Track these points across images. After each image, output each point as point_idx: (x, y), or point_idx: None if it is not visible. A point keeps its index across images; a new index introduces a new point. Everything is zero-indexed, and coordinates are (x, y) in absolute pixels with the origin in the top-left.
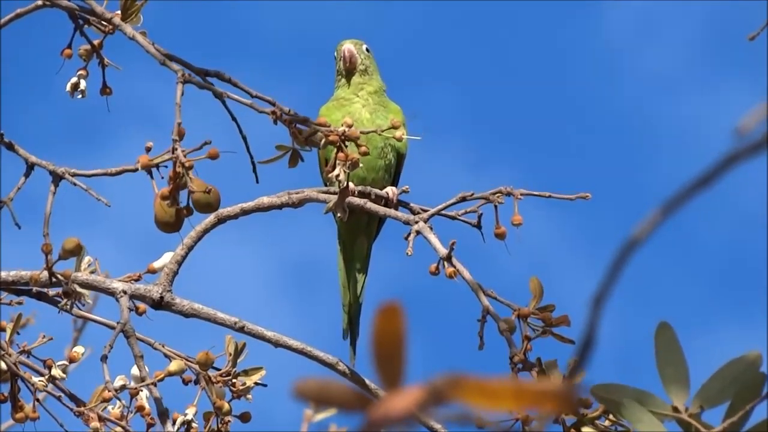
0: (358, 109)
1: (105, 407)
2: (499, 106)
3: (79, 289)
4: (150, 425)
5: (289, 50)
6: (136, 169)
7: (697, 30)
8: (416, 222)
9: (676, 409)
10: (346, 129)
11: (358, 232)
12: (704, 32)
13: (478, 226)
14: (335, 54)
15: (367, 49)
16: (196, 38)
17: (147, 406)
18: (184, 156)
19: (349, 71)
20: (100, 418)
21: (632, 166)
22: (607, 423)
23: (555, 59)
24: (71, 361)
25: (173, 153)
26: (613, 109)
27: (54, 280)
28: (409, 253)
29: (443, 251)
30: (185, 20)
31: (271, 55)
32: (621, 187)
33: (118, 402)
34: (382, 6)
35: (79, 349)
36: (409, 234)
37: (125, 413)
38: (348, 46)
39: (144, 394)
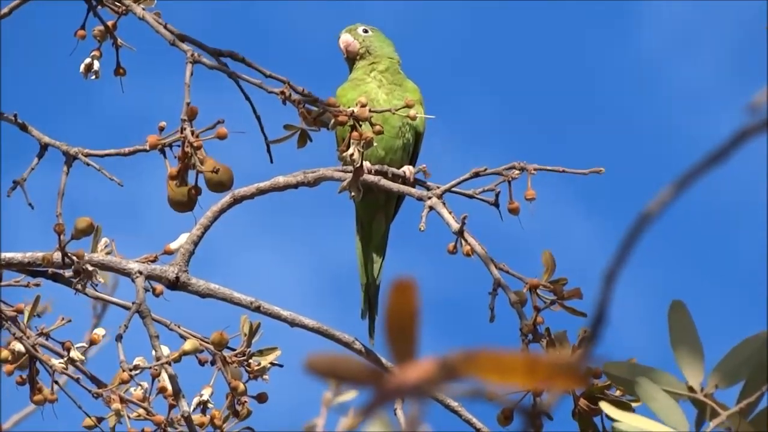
0: (374, 89)
1: (126, 389)
2: (530, 113)
3: (90, 269)
4: (172, 406)
5: (315, 51)
6: (147, 149)
7: (733, 43)
8: (429, 198)
9: (691, 389)
10: (355, 109)
11: (375, 211)
12: (737, 47)
13: (496, 204)
14: None
15: (365, 30)
16: (215, 37)
17: (169, 387)
18: (193, 136)
19: (352, 60)
20: (122, 400)
21: (660, 174)
22: (617, 393)
23: (588, 70)
24: (92, 343)
25: (182, 133)
26: (645, 120)
27: (67, 260)
28: (422, 228)
29: (455, 226)
30: (204, 21)
31: (292, 54)
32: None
33: (139, 384)
34: (414, 9)
35: (99, 331)
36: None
37: (147, 395)
38: (342, 38)
39: (165, 375)
